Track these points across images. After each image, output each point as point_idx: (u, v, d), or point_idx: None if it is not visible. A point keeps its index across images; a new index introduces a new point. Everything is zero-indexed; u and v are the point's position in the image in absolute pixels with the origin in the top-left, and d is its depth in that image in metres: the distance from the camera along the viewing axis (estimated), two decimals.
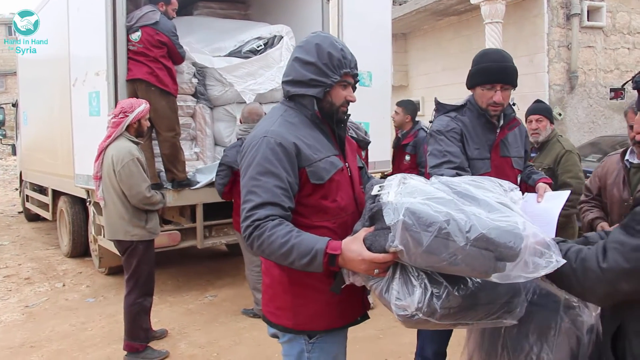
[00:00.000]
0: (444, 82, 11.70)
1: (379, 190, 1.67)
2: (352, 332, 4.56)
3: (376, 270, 1.63)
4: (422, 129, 5.35)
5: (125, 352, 4.08)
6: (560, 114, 9.14)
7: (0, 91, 29.89)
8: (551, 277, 1.56)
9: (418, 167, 5.25)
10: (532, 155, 4.02)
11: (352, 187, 2.00)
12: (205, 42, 5.69)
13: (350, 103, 1.99)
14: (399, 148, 5.53)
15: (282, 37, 5.77)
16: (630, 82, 1.72)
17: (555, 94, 9.17)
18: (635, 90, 1.74)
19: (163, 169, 5.13)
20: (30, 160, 8.73)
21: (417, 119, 5.53)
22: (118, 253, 4.26)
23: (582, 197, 3.38)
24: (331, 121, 1.96)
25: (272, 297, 1.96)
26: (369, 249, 1.61)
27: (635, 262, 1.38)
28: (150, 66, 4.79)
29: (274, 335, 2.05)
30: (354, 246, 1.65)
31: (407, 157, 5.39)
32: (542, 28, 9.21)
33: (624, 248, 1.41)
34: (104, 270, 6.35)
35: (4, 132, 12.24)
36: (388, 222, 1.53)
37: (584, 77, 9.48)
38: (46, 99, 7.07)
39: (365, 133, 4.85)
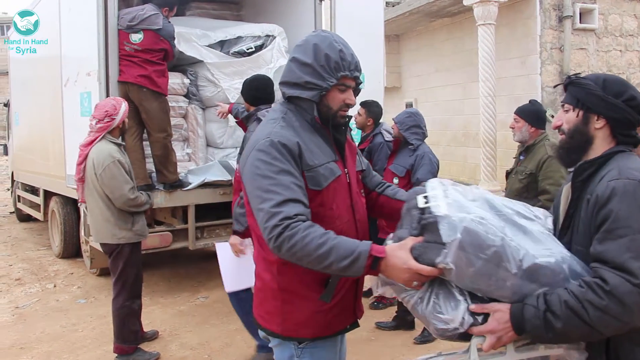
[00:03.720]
0: (437, 83, 11.74)
1: (425, 202, 1.62)
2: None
3: (415, 283, 1.59)
4: (381, 133, 5.02)
5: (116, 355, 4.07)
6: (552, 116, 9.17)
7: None
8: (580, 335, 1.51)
9: None
10: (521, 158, 3.99)
11: (350, 194, 1.95)
12: (196, 34, 5.60)
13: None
14: None
15: (275, 38, 5.77)
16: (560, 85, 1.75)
17: (548, 96, 9.22)
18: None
19: (154, 170, 5.11)
20: (22, 160, 8.68)
21: (380, 121, 5.20)
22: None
23: None
24: (329, 126, 1.90)
25: (262, 300, 1.94)
26: (415, 259, 1.58)
27: None
28: (145, 67, 4.76)
29: (266, 338, 2.03)
30: (400, 253, 1.60)
31: None
32: (534, 30, 9.26)
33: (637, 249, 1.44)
34: (96, 271, 6.33)
35: None
36: (445, 238, 1.50)
37: None
38: (38, 99, 7.04)
39: None
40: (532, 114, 3.93)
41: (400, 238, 1.67)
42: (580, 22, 9.43)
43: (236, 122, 4.70)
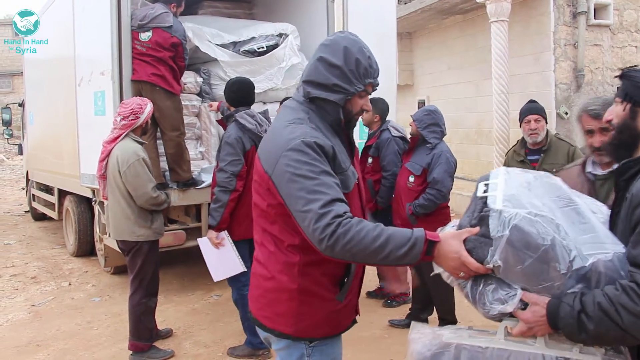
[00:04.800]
0: (449, 81, 11.67)
1: (484, 192, 1.61)
2: (357, 332, 4.56)
3: (462, 273, 1.61)
4: (388, 129, 4.99)
5: (131, 352, 4.09)
6: (566, 113, 9.09)
7: (7, 91, 30.02)
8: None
9: (381, 171, 4.92)
10: (536, 158, 3.95)
11: (360, 197, 1.97)
12: (210, 33, 5.62)
13: None
14: (363, 150, 5.21)
15: (288, 36, 5.76)
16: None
17: (562, 93, 9.13)
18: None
19: (167, 169, 5.14)
20: (37, 159, 8.76)
21: (388, 118, 5.16)
22: (121, 252, 4.27)
23: None
24: (348, 129, 1.92)
25: (271, 302, 1.90)
26: (469, 252, 1.58)
27: None
28: (158, 67, 4.77)
29: (267, 340, 2.00)
30: (454, 242, 1.61)
31: (370, 160, 5.05)
32: (548, 26, 9.16)
33: None
34: (110, 269, 6.38)
35: (10, 132, 12.31)
36: (493, 233, 1.51)
37: (590, 75, 9.42)
38: (52, 99, 7.10)
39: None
40: (545, 112, 3.93)
41: (461, 226, 1.67)
42: (594, 18, 9.32)
43: (217, 120, 4.78)
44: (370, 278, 5.37)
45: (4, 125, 12.00)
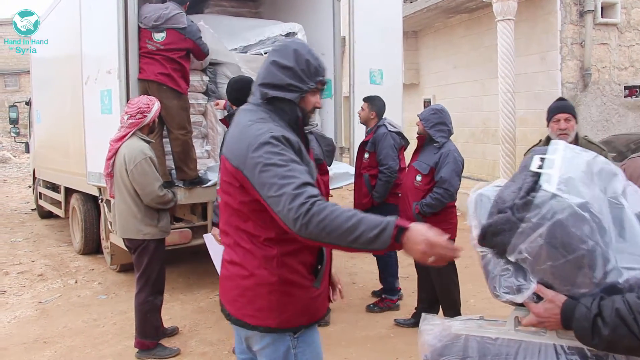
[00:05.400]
0: (455, 80, 11.65)
1: (539, 167, 1.46)
2: (363, 331, 4.58)
3: (432, 258, 1.61)
4: (384, 125, 4.98)
5: (137, 349, 4.11)
6: None
7: (13, 90, 30.16)
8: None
9: (377, 166, 4.92)
10: None
11: (320, 189, 2.04)
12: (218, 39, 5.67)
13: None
14: (360, 146, 5.23)
15: (296, 34, 5.77)
16: None
17: (568, 92, 9.09)
18: None
19: (173, 167, 5.15)
20: (43, 158, 8.80)
21: (384, 116, 5.12)
22: (127, 250, 4.29)
23: None
24: (303, 126, 2.04)
25: (252, 299, 1.95)
26: (491, 232, 1.50)
27: None
28: (165, 65, 4.79)
29: (248, 341, 2.04)
30: (422, 228, 1.64)
31: (366, 155, 5.06)
32: (555, 25, 9.13)
33: None
34: (116, 267, 6.40)
35: (17, 130, 12.37)
36: (532, 218, 1.38)
37: (597, 74, 9.38)
38: (59, 97, 7.12)
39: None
40: (575, 111, 3.63)
41: (504, 199, 1.52)
42: (602, 17, 9.27)
43: (220, 119, 4.79)
44: (376, 277, 5.37)
45: (11, 124, 12.05)
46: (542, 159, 1.48)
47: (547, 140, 3.68)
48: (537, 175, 1.45)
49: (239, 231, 1.96)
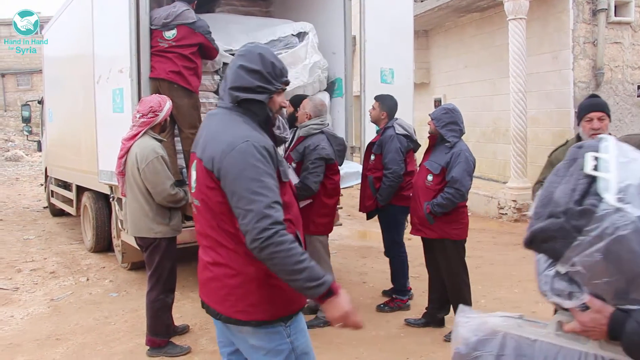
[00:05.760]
0: (466, 79, 11.60)
1: (594, 168, 1.36)
2: (373, 331, 4.57)
3: (339, 324, 1.92)
4: (393, 127, 4.88)
5: (148, 347, 4.13)
6: None
7: (26, 89, 30.42)
8: None
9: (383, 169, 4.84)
10: None
11: (291, 185, 2.20)
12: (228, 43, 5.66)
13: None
14: (367, 147, 5.16)
15: (307, 34, 5.77)
16: None
17: (580, 92, 9.02)
18: None
19: (185, 166, 5.17)
20: (55, 156, 8.87)
21: (396, 117, 5.03)
22: (139, 248, 4.31)
23: None
24: (272, 126, 2.16)
25: (243, 296, 2.01)
26: (540, 239, 1.40)
27: None
28: (177, 63, 4.80)
29: (243, 334, 2.07)
30: (347, 301, 1.91)
31: (372, 157, 4.99)
32: (567, 24, 9.07)
33: None
34: (127, 265, 6.43)
35: (30, 129, 12.46)
36: (592, 232, 1.28)
37: (610, 74, 9.31)
38: (71, 96, 7.17)
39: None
40: (609, 109, 3.36)
41: (557, 202, 1.39)
42: (615, 15, 9.20)
43: None
44: (387, 277, 5.36)
45: (23, 122, 12.15)
46: (596, 158, 1.38)
47: (578, 141, 3.32)
48: (591, 177, 1.36)
49: (220, 231, 2.02)
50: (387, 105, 5.00)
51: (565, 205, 1.35)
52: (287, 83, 2.14)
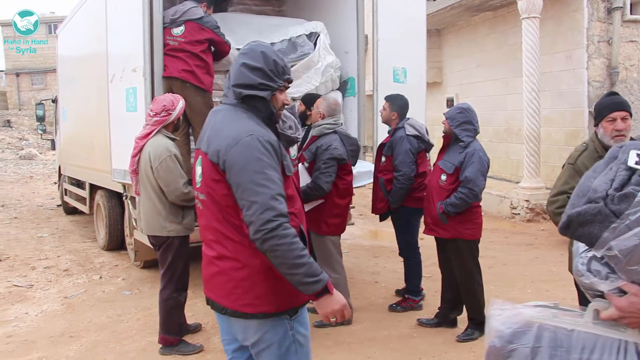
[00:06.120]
0: (478, 78, 11.54)
1: (636, 162, 1.37)
2: (385, 330, 4.56)
3: (333, 318, 1.97)
4: (403, 127, 4.82)
5: (161, 345, 4.15)
6: None
7: (40, 88, 30.71)
8: None
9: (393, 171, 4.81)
10: None
11: (294, 180, 2.23)
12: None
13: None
14: (379, 148, 5.12)
15: (319, 35, 5.76)
16: None
17: (595, 91, 8.93)
18: None
19: None
20: (69, 154, 8.94)
21: (408, 116, 4.97)
22: (152, 247, 4.33)
23: None
24: (275, 122, 2.19)
25: (249, 288, 2.03)
26: (577, 222, 1.39)
27: None
28: (188, 62, 4.83)
29: (245, 331, 2.09)
30: (340, 297, 1.97)
31: (383, 159, 4.95)
32: (581, 23, 8.98)
33: None
34: (139, 263, 6.47)
35: (44, 128, 12.58)
36: (632, 215, 1.28)
37: (625, 73, 9.20)
38: (84, 95, 7.22)
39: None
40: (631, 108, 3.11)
41: (597, 190, 1.40)
42: (630, 14, 9.10)
43: None
44: (399, 276, 5.34)
45: (37, 121, 12.28)
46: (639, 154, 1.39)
47: (600, 145, 2.98)
48: (631, 170, 1.37)
49: (226, 224, 2.04)
50: (397, 105, 4.94)
51: (604, 191, 1.36)
52: (289, 81, 2.16)
